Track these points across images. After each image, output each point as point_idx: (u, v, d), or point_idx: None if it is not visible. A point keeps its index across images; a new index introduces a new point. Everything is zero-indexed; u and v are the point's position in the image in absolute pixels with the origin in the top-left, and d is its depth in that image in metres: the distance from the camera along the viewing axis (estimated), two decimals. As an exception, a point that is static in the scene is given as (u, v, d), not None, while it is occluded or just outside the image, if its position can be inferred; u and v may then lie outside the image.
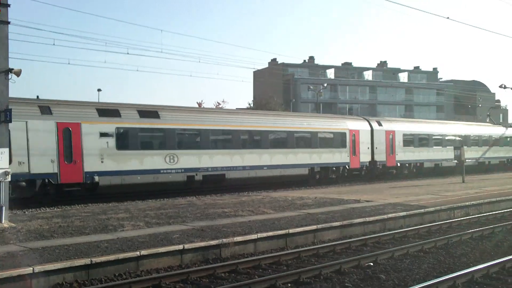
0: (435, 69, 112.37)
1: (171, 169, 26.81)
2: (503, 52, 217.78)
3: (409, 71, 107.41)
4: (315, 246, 14.35)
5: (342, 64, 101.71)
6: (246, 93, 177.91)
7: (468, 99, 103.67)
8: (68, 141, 23.60)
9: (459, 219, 19.34)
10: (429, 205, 20.63)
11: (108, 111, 25.63)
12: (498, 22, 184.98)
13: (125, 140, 25.71)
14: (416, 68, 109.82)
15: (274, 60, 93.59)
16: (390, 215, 18.14)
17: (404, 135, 39.99)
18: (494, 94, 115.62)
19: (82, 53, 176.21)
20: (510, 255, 12.73)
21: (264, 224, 15.86)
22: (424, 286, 10.08)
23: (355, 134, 36.34)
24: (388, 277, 11.51)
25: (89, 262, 11.12)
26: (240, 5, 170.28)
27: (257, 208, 19.62)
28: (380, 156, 38.04)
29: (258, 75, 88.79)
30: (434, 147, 42.49)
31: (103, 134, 24.70)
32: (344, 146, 35.42)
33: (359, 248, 14.71)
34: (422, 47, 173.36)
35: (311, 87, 70.76)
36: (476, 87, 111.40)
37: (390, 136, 38.75)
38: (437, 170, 42.10)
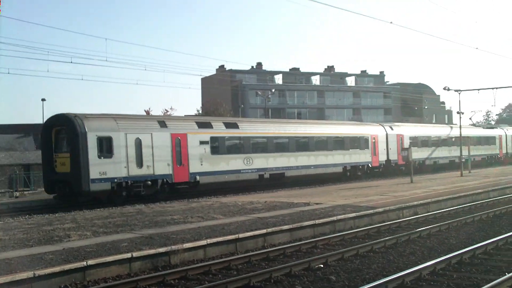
0: (381, 72, 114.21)
1: (248, 169, 32.44)
2: (446, 56, 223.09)
3: (356, 75, 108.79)
4: (265, 250, 14.27)
5: (290, 69, 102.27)
6: (194, 100, 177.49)
7: (415, 101, 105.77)
8: (179, 148, 28.73)
9: (408, 218, 19.60)
10: (378, 205, 20.84)
11: (204, 124, 31.39)
12: (439, 27, 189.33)
13: (216, 146, 31.06)
14: (363, 72, 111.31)
15: (222, 66, 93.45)
16: (339, 217, 18.23)
17: (410, 137, 46.01)
18: (439, 96, 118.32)
19: (24, 62, 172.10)
20: (456, 251, 12.94)
21: (214, 230, 15.70)
22: (373, 285, 10.11)
23: (375, 138, 42.27)
24: (338, 278, 11.53)
25: (32, 276, 10.74)
26: (187, 13, 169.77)
27: (207, 214, 19.45)
28: (393, 156, 43.69)
29: (206, 82, 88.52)
30: (432, 147, 48.87)
31: (202, 142, 29.95)
32: (367, 147, 41.16)
33: (310, 250, 14.72)
34: (368, 51, 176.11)
35: (259, 93, 70.91)
36: (422, 89, 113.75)
37: (400, 139, 44.63)
38: (436, 166, 47.72)
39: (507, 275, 10.43)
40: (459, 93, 43.00)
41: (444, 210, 21.53)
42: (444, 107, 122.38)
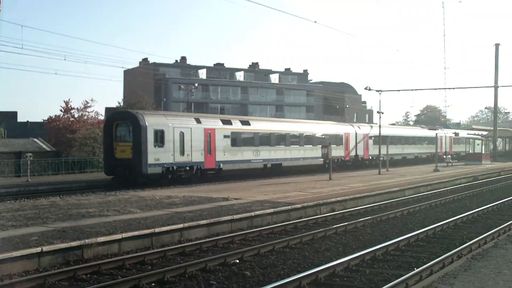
0: (305, 71, 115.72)
1: (256, 159, 38.57)
2: (367, 56, 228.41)
3: (280, 73, 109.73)
4: (181, 245, 14.11)
5: (214, 64, 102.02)
6: (116, 92, 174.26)
7: (337, 100, 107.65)
8: (209, 141, 34.39)
9: (325, 215, 19.84)
10: (296, 202, 21.00)
11: (226, 121, 37.65)
12: (361, 27, 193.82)
13: (235, 139, 36.86)
14: (287, 69, 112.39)
15: (145, 59, 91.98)
16: (257, 212, 18.26)
17: (372, 136, 51.80)
18: (360, 95, 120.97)
19: None
20: (369, 248, 13.19)
21: (130, 224, 15.38)
22: (287, 281, 10.13)
23: (347, 136, 48.66)
24: (253, 273, 11.52)
25: None
26: (110, 4, 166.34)
27: (123, 208, 19.05)
28: (360, 151, 50.57)
29: (129, 75, 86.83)
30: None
31: (225, 136, 35.89)
32: (342, 144, 47.35)
33: (226, 245, 14.65)
34: (293, 49, 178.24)
35: (182, 87, 70.21)
36: (344, 88, 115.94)
37: (366, 138, 51.27)
38: (392, 162, 50.03)
39: (416, 270, 10.71)
40: (380, 93, 44.08)
41: (361, 207, 21.92)
42: (365, 106, 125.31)
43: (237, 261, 12.58)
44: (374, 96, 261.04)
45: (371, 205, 22.66)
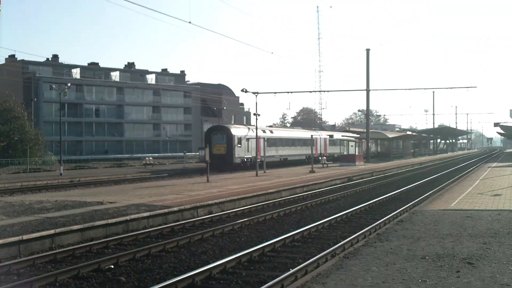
0: (182, 72, 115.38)
1: (277, 155, 57.74)
2: (244, 58, 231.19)
3: (157, 73, 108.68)
4: (52, 252, 13.47)
5: (88, 64, 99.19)
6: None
7: (214, 101, 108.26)
8: (259, 144, 48.89)
9: (202, 217, 19.72)
10: (173, 204, 20.74)
11: (264, 131, 55.75)
12: (237, 30, 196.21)
13: (268, 142, 53.55)
14: (164, 70, 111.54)
15: (12, 56, 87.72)
16: (133, 216, 17.83)
17: (328, 139, 67.26)
18: (238, 97, 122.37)
19: None
20: (246, 249, 13.25)
21: (-5, 231, 14.47)
22: (163, 286, 9.95)
23: (315, 139, 61.52)
24: (129, 279, 11.24)
25: None
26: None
27: (-12, 214, 17.92)
28: (322, 150, 66.30)
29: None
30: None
31: (264, 141, 50.59)
32: (313, 145, 56.27)
33: (101, 251, 14.19)
34: (169, 50, 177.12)
35: (54, 86, 67.39)
36: (222, 90, 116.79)
37: (326, 140, 65.82)
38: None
39: (291, 271, 10.87)
40: (256, 95, 44.63)
41: (238, 209, 22.02)
42: (243, 108, 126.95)
43: (112, 266, 12.21)
44: (251, 98, 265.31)
45: (248, 207, 22.82)
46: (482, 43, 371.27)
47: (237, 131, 52.50)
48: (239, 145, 51.17)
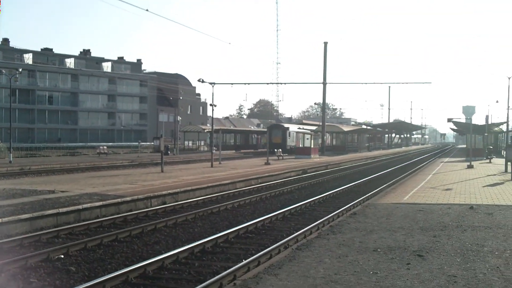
0: (139, 60, 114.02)
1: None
2: (201, 48, 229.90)
3: (113, 61, 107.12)
4: (-1, 241, 13.12)
5: (41, 49, 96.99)
6: None
7: (171, 91, 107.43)
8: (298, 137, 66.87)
9: (156, 208, 19.53)
10: (127, 194, 20.52)
11: (299, 126, 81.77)
12: (196, 20, 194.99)
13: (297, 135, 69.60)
14: (120, 58, 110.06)
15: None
16: (85, 206, 17.55)
17: (297, 132, 70.43)
18: (195, 87, 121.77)
19: None
20: (199, 240, 13.17)
21: None
22: (115, 275, 9.82)
23: (290, 132, 76.12)
24: (79, 269, 11.05)
25: None
26: None
27: None
28: (292, 142, 75.16)
29: None
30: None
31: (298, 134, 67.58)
32: (290, 137, 75.42)
33: (51, 240, 13.89)
34: (126, 38, 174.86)
35: (4, 71, 65.69)
36: (178, 80, 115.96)
37: (301, 134, 66.84)
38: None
39: (244, 262, 10.84)
40: (213, 86, 44.48)
41: (192, 200, 21.88)
42: (199, 98, 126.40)
43: (62, 256, 11.98)
44: (208, 89, 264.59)
45: (202, 197, 22.71)
46: (437, 40, 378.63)
47: (289, 127, 77.36)
48: (289, 137, 74.35)
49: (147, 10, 29.58)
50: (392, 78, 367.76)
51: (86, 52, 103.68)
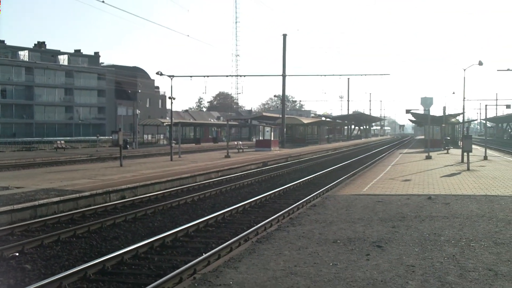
0: (96, 53, 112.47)
1: None
2: (159, 40, 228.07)
3: (70, 54, 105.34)
4: (-49, 239, 12.77)
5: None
6: None
7: (129, 84, 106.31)
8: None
9: (115, 202, 19.30)
10: (85, 189, 20.22)
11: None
12: (153, 11, 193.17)
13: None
14: (77, 51, 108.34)
15: None
16: (42, 201, 17.21)
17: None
18: (153, 80, 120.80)
19: None
20: (159, 234, 13.04)
21: None
22: (72, 272, 9.64)
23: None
24: (35, 266, 10.83)
25: None
26: None
27: None
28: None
29: None
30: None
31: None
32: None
33: (5, 238, 13.57)
34: (83, 30, 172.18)
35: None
36: (137, 73, 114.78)
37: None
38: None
39: (204, 255, 10.78)
40: (172, 78, 44.04)
41: (152, 194, 21.66)
42: (158, 92, 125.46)
43: (17, 254, 11.72)
44: (167, 82, 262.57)
45: (162, 191, 22.51)
46: (396, 32, 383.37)
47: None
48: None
49: (103, 1, 28.91)
50: (351, 70, 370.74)
51: (41, 45, 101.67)
